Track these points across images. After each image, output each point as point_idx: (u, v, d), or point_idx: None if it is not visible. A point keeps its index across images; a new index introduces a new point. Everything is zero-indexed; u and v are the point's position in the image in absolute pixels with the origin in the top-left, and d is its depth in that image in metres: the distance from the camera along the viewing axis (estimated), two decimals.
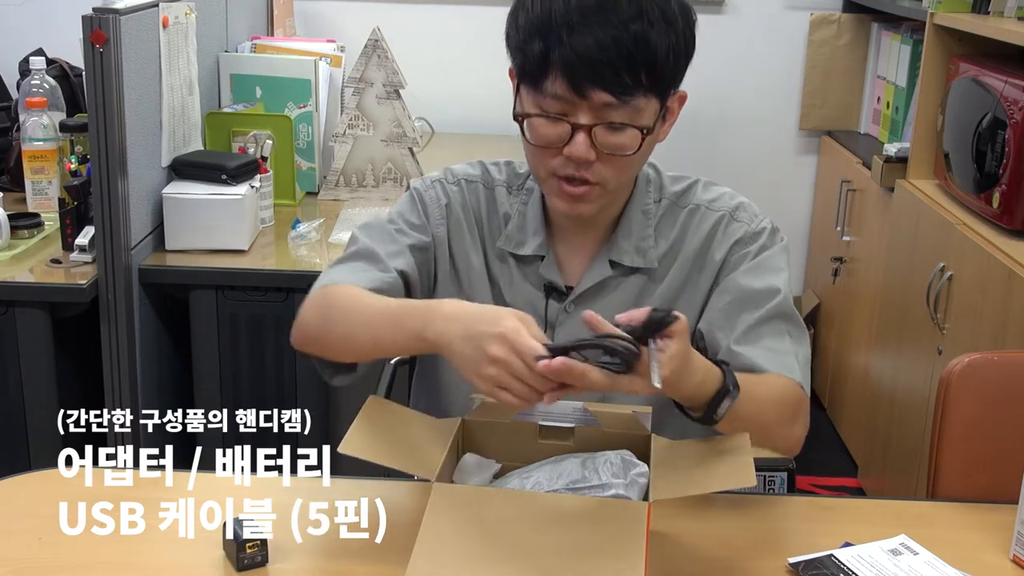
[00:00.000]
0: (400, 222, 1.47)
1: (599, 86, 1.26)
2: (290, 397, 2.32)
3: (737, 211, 1.45)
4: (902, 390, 2.77)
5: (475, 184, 1.50)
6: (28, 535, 1.26)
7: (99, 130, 2.12)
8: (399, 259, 1.42)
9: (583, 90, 1.26)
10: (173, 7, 2.37)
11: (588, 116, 1.28)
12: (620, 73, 1.25)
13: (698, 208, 1.45)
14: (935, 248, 2.54)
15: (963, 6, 2.69)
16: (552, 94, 1.28)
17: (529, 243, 1.45)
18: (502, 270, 1.47)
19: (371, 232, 1.47)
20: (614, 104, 1.27)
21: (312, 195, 2.86)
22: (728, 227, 1.44)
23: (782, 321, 1.39)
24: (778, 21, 3.68)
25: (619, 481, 1.22)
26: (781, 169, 3.80)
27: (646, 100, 1.29)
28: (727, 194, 1.47)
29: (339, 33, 3.35)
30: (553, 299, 1.45)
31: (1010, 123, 2.27)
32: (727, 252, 1.43)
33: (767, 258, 1.42)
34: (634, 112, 1.29)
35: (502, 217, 1.48)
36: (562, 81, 1.26)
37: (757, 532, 1.32)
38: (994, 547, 1.31)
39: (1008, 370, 1.52)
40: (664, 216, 1.45)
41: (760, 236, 1.44)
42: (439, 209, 1.48)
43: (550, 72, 1.27)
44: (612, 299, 1.43)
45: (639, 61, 1.25)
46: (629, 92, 1.27)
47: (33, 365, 2.18)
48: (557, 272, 1.45)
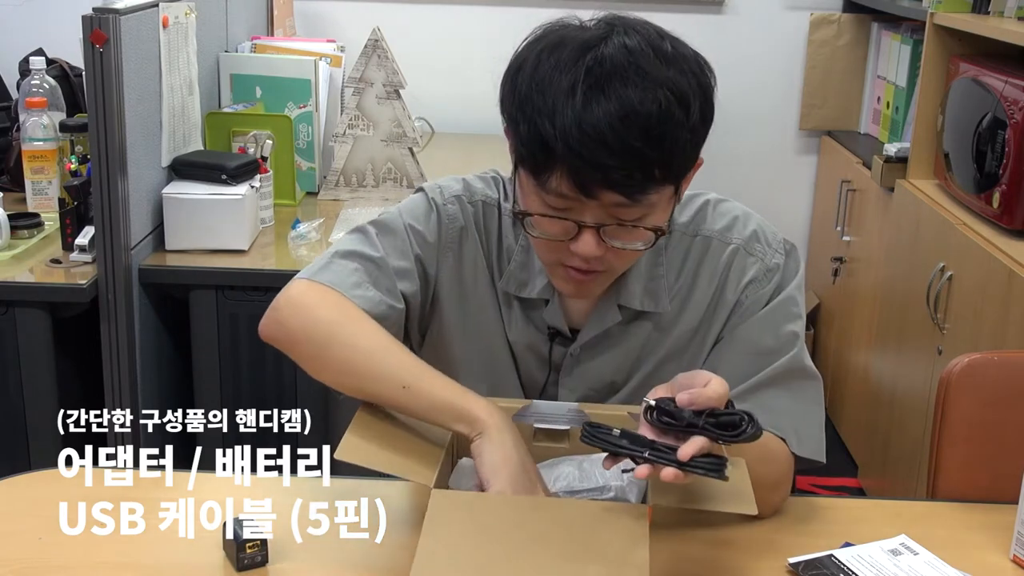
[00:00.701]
0: (414, 234, 1.36)
1: (608, 188, 1.14)
2: (290, 397, 2.32)
3: (751, 243, 1.34)
4: (902, 390, 2.77)
5: (493, 207, 1.38)
6: (28, 535, 1.26)
7: (99, 130, 2.12)
8: (405, 280, 1.34)
9: (591, 192, 1.14)
10: (173, 7, 2.37)
11: (596, 216, 1.18)
12: (632, 174, 1.13)
13: (710, 240, 1.35)
14: (935, 248, 2.54)
15: (963, 6, 2.69)
16: (556, 192, 1.16)
17: (532, 284, 1.35)
18: (504, 309, 1.38)
19: (386, 235, 1.36)
20: (626, 204, 1.16)
21: (312, 195, 2.86)
22: (742, 264, 1.34)
23: (786, 380, 1.32)
24: (778, 21, 3.67)
25: (617, 483, 1.22)
26: (781, 169, 3.80)
27: (659, 194, 1.17)
28: (740, 219, 1.36)
29: (339, 33, 3.35)
30: (558, 343, 1.37)
31: (1010, 123, 2.26)
32: (740, 293, 1.34)
33: (782, 303, 1.34)
34: (647, 208, 1.18)
35: (506, 251, 1.37)
36: (567, 181, 1.14)
37: (757, 532, 1.32)
38: (994, 547, 1.31)
39: (1008, 370, 1.52)
40: (674, 249, 1.35)
41: (775, 273, 1.34)
42: (455, 232, 1.37)
43: (555, 169, 1.14)
44: (623, 344, 1.36)
45: (652, 159, 1.13)
46: (642, 190, 1.15)
47: (33, 365, 2.18)
48: (562, 318, 1.36)
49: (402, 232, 1.36)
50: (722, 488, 1.16)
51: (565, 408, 1.31)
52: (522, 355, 1.39)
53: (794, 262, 1.37)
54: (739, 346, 1.33)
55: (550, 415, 1.30)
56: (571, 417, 1.30)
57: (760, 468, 1.21)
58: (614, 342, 1.36)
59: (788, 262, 1.36)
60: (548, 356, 1.38)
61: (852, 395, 3.28)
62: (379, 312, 1.30)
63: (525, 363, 1.40)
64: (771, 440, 1.29)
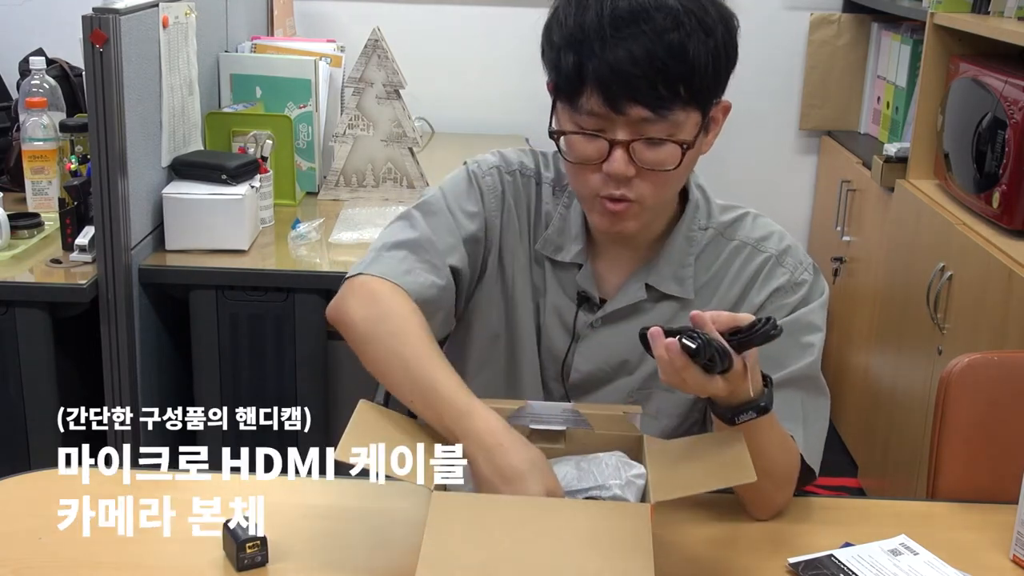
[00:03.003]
0: (457, 210, 1.42)
1: (635, 101, 1.22)
2: (290, 399, 2.32)
3: (784, 255, 1.40)
4: (902, 390, 2.77)
5: (529, 178, 1.46)
6: (28, 535, 1.26)
7: (99, 130, 2.12)
8: (454, 255, 1.39)
9: (619, 106, 1.22)
10: (173, 7, 2.37)
11: (625, 132, 1.24)
12: (656, 87, 1.21)
13: (745, 246, 1.41)
14: (935, 248, 2.54)
15: (963, 6, 2.69)
16: (588, 111, 1.24)
17: (568, 249, 1.42)
18: (538, 273, 1.45)
19: (430, 216, 1.42)
20: (652, 119, 1.23)
21: (312, 195, 2.86)
22: (772, 271, 1.39)
23: (799, 387, 1.35)
24: (778, 21, 3.68)
25: (616, 483, 1.22)
26: (781, 169, 3.80)
27: (686, 113, 1.25)
28: (776, 234, 1.42)
29: (339, 33, 3.34)
30: (583, 310, 1.42)
31: (1010, 123, 2.27)
32: (766, 299, 1.39)
33: (804, 315, 1.38)
34: (673, 126, 1.25)
35: (544, 216, 1.44)
36: (597, 97, 1.23)
37: (757, 532, 1.32)
38: (994, 547, 1.31)
39: (1008, 370, 1.52)
40: (708, 246, 1.41)
41: (801, 287, 1.39)
42: (496, 199, 1.44)
43: (585, 88, 1.23)
44: (642, 322, 1.35)
45: (676, 73, 1.21)
46: (667, 106, 1.23)
47: (33, 365, 2.17)
48: (593, 284, 1.42)
49: (444, 210, 1.42)
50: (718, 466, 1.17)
51: (560, 408, 1.31)
52: (548, 321, 1.44)
53: (821, 283, 1.41)
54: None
55: (545, 416, 1.30)
56: (566, 417, 1.30)
57: (780, 456, 1.29)
58: (634, 318, 1.40)
59: (816, 281, 1.41)
60: (573, 324, 1.42)
61: (852, 395, 3.28)
62: (430, 296, 1.36)
63: (549, 330, 1.44)
64: (787, 434, 1.31)
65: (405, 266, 1.37)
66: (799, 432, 1.34)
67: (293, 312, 2.30)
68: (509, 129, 3.28)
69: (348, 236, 2.48)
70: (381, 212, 2.63)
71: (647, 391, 1.42)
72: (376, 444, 1.19)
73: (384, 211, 2.64)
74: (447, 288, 1.38)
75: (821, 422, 1.38)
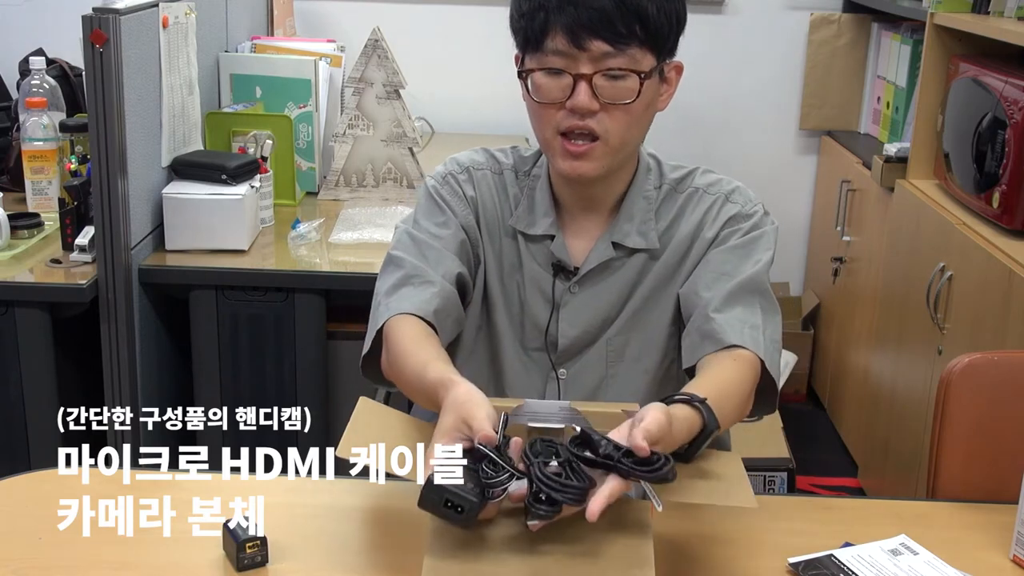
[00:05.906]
0: (431, 226, 1.51)
1: (596, 35, 1.34)
2: (290, 399, 2.32)
3: (732, 194, 1.52)
4: (902, 390, 2.77)
5: (484, 171, 1.56)
6: (28, 535, 1.26)
7: (99, 130, 2.12)
8: (446, 263, 1.47)
9: (582, 41, 1.34)
10: (173, 7, 2.37)
11: (588, 66, 1.36)
12: (615, 24, 1.34)
13: (696, 191, 1.52)
14: (935, 248, 2.54)
15: (963, 6, 2.69)
16: (553, 50, 1.36)
17: (539, 223, 1.52)
18: (513, 248, 1.54)
19: (409, 248, 1.49)
20: (612, 52, 1.35)
21: (312, 195, 2.86)
22: (722, 208, 1.51)
23: (757, 294, 1.44)
24: (778, 21, 3.68)
25: None
26: (781, 169, 3.80)
27: (642, 52, 1.37)
28: (724, 180, 1.54)
29: (339, 33, 3.35)
30: (560, 279, 1.51)
31: (1010, 123, 2.27)
32: (719, 229, 1.50)
33: (755, 237, 1.49)
34: (631, 60, 1.36)
35: (512, 199, 1.54)
36: (562, 36, 1.35)
37: (757, 532, 1.32)
38: (994, 547, 1.31)
39: (1008, 370, 1.52)
40: (664, 200, 1.52)
41: (752, 217, 1.50)
42: (461, 200, 1.53)
43: (550, 30, 1.36)
44: (615, 278, 1.51)
45: (632, 12, 1.35)
46: (625, 40, 1.35)
47: (33, 365, 2.18)
48: (566, 252, 1.51)
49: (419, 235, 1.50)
50: (721, 483, 1.17)
51: (558, 407, 1.31)
52: (530, 296, 1.53)
53: (771, 219, 1.52)
54: (711, 266, 1.47)
55: (544, 414, 1.30)
56: (564, 415, 1.30)
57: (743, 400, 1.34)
58: (608, 277, 1.51)
59: (766, 215, 1.52)
60: (552, 293, 1.51)
61: (852, 395, 3.28)
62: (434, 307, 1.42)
63: (531, 305, 1.53)
64: (745, 360, 1.36)
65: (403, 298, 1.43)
66: (759, 339, 1.39)
67: (293, 312, 2.30)
68: (509, 129, 3.28)
69: (348, 236, 2.48)
70: (381, 212, 2.64)
71: (624, 337, 1.51)
72: (376, 443, 1.19)
73: (384, 211, 2.64)
74: (449, 296, 1.45)
75: (773, 328, 1.44)
